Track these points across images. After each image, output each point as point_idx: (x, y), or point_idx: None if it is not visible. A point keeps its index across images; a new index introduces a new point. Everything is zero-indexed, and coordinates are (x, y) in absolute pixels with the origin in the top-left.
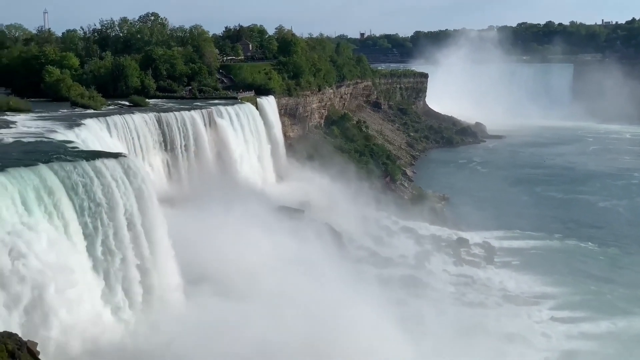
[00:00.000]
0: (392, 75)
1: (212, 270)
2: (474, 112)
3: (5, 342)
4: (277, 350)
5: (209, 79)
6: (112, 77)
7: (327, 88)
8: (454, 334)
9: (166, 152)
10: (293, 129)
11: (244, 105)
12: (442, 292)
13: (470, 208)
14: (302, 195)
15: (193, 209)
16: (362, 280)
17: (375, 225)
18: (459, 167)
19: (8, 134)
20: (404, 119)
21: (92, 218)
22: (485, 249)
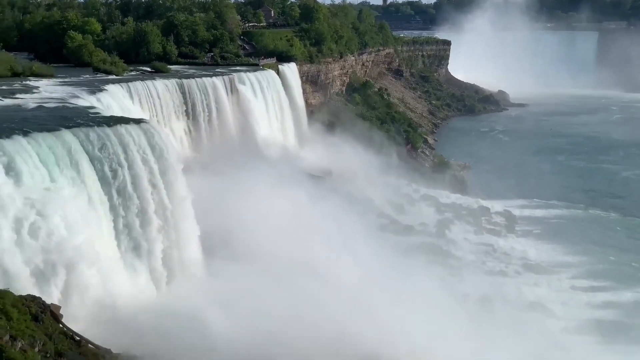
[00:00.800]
0: (414, 42)
1: (234, 238)
2: (497, 80)
3: (28, 305)
4: (300, 321)
5: (231, 46)
6: (134, 43)
7: (348, 55)
8: (474, 301)
9: (188, 118)
10: (314, 96)
11: (266, 72)
12: (462, 260)
13: (491, 176)
14: (324, 162)
15: (215, 175)
16: (382, 248)
17: (396, 193)
18: (481, 135)
19: (31, 99)
20: (426, 86)
21: (114, 184)
22: (506, 218)
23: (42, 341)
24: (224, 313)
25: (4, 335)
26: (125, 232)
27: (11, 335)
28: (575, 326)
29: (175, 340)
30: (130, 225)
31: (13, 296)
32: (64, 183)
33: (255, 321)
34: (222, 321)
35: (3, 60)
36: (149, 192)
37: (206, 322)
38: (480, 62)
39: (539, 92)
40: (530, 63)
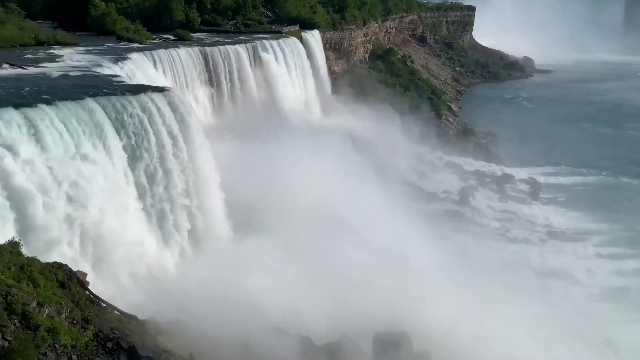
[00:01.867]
0: (438, 8)
1: (261, 204)
2: (522, 46)
3: (55, 272)
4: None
5: (254, 13)
6: (156, 11)
7: (372, 22)
8: (497, 268)
9: (211, 86)
10: (338, 64)
11: (289, 40)
12: (486, 227)
13: (516, 144)
14: (347, 129)
15: (238, 143)
16: (406, 214)
17: (419, 161)
18: (505, 102)
19: (55, 67)
20: (450, 53)
21: (138, 151)
22: (530, 185)
23: (69, 308)
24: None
25: (31, 302)
26: (149, 199)
27: (38, 302)
28: (600, 293)
29: (200, 307)
30: (155, 192)
31: (40, 263)
32: (89, 151)
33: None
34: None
35: (27, 28)
36: (172, 159)
37: (233, 290)
38: (505, 28)
39: (565, 58)
40: (556, 29)
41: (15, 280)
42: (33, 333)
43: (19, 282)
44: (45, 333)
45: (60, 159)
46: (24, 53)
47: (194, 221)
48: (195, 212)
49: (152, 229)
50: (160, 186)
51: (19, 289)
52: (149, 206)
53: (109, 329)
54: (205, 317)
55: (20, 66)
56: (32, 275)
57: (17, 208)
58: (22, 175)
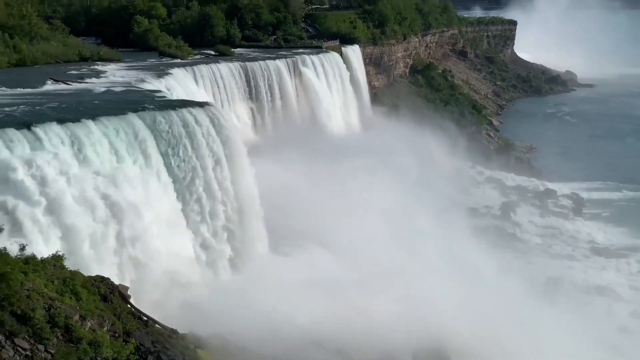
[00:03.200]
0: (479, 23)
1: (299, 225)
2: (564, 60)
3: (97, 285)
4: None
5: (294, 28)
6: (198, 27)
7: (412, 37)
8: (540, 284)
9: (251, 101)
10: (378, 78)
11: (329, 54)
12: (527, 243)
13: (558, 159)
14: (387, 144)
15: (279, 158)
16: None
17: (460, 175)
18: (547, 117)
19: (99, 83)
20: (491, 67)
21: (180, 168)
22: (573, 200)
23: (111, 321)
24: (293, 298)
25: (73, 314)
26: (190, 214)
27: (81, 315)
28: None
29: (240, 322)
30: (196, 207)
31: (82, 277)
32: (131, 166)
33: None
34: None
35: (71, 45)
36: (213, 174)
37: (272, 306)
38: (547, 42)
39: (608, 72)
40: (598, 43)
41: (59, 294)
42: (75, 346)
43: (62, 295)
44: (87, 346)
45: (102, 174)
46: (68, 69)
47: (234, 238)
48: (236, 228)
49: (193, 243)
50: (201, 201)
51: (61, 302)
52: (190, 220)
53: (150, 343)
54: (244, 332)
55: (64, 82)
56: (75, 289)
57: (59, 221)
58: (65, 189)
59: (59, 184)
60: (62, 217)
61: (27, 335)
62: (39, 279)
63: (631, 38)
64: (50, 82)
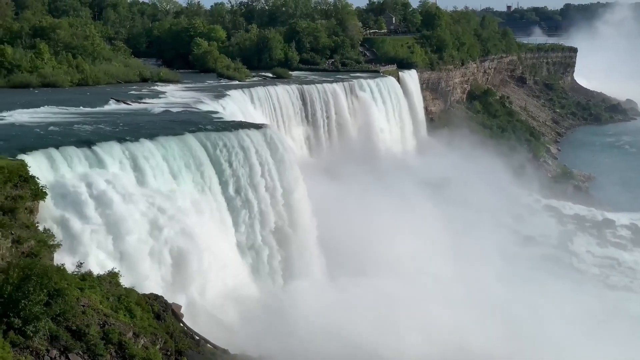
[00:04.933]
0: (538, 49)
1: (354, 244)
2: (625, 88)
3: (151, 303)
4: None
5: (352, 52)
6: (256, 50)
7: (470, 62)
8: (597, 316)
9: (307, 123)
10: (434, 104)
11: (386, 79)
12: (585, 273)
13: (617, 188)
14: (443, 170)
15: (334, 181)
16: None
17: (516, 203)
18: (607, 145)
19: (158, 103)
20: (550, 94)
21: (235, 189)
22: (632, 231)
23: (164, 339)
24: (345, 320)
25: (127, 332)
26: (245, 235)
27: (134, 332)
28: None
29: (294, 343)
30: (250, 229)
31: (137, 294)
32: (188, 186)
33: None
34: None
35: (133, 66)
36: (268, 196)
37: (326, 327)
38: (607, 70)
39: None
40: None
41: (113, 310)
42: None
43: (117, 312)
44: None
45: (160, 194)
46: (129, 89)
47: (288, 259)
48: (290, 249)
49: (247, 265)
50: (255, 222)
51: (116, 318)
52: (243, 239)
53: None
54: (295, 354)
55: (125, 102)
56: (129, 306)
57: (116, 239)
58: (123, 208)
59: (117, 202)
60: (119, 235)
61: (81, 351)
62: (94, 295)
63: None
64: (112, 102)
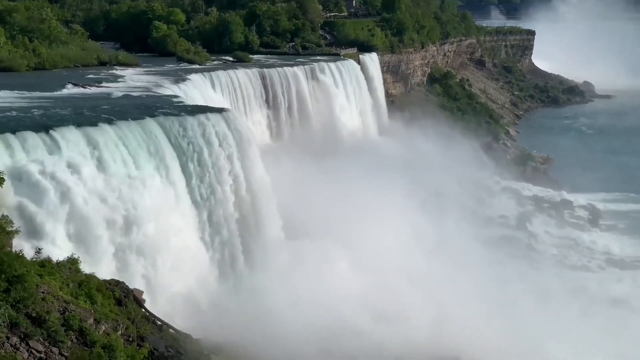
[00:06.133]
0: (497, 32)
1: (315, 226)
2: (583, 70)
3: (112, 289)
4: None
5: (312, 35)
6: (216, 33)
7: (430, 45)
8: (555, 296)
9: (268, 107)
10: (395, 87)
11: (347, 62)
12: (543, 253)
13: (575, 170)
14: (403, 152)
15: (295, 163)
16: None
17: (476, 185)
18: (565, 127)
19: (117, 87)
20: (509, 77)
21: (196, 173)
22: (590, 212)
23: (125, 325)
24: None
25: (88, 318)
26: (206, 219)
27: (95, 319)
28: None
29: (254, 327)
30: (212, 213)
31: (97, 280)
32: (148, 171)
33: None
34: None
35: (90, 49)
36: (230, 180)
37: (286, 311)
38: (565, 52)
39: (626, 83)
40: (617, 54)
41: (74, 297)
42: (89, 349)
43: (77, 298)
44: (101, 350)
45: (119, 178)
46: (86, 73)
47: (249, 242)
48: (251, 232)
49: (206, 248)
50: (217, 207)
51: (76, 305)
52: (204, 223)
53: (164, 347)
54: (258, 337)
55: (83, 86)
56: (89, 292)
57: (76, 225)
58: (82, 193)
59: (76, 188)
60: (78, 220)
61: (41, 338)
62: (54, 281)
63: None
64: (69, 86)
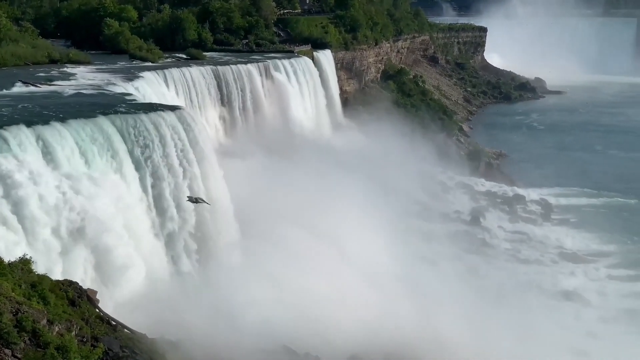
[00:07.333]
0: (450, 29)
1: (269, 224)
2: (534, 67)
3: (65, 289)
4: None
5: (266, 33)
6: (169, 30)
7: (384, 42)
8: (509, 289)
9: (223, 105)
10: (349, 83)
11: (301, 59)
12: (497, 248)
13: (527, 165)
14: (358, 149)
15: (250, 162)
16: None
17: (430, 181)
18: (517, 123)
19: (69, 85)
20: (462, 73)
21: (149, 171)
22: (542, 206)
23: (79, 325)
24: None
25: (41, 319)
26: (158, 216)
27: (48, 320)
28: (611, 316)
29: (210, 326)
30: (164, 210)
31: (50, 281)
32: (100, 169)
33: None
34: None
35: (41, 47)
36: (182, 178)
37: (243, 308)
38: (516, 49)
39: (577, 79)
40: (568, 50)
41: (26, 298)
42: (43, 351)
43: (30, 299)
44: (54, 351)
45: (71, 177)
46: (37, 71)
47: (204, 239)
48: (205, 229)
49: (161, 247)
50: (171, 206)
51: (29, 306)
52: (159, 225)
53: (119, 347)
54: (214, 336)
55: (33, 84)
56: (42, 293)
57: (26, 225)
58: (33, 192)
59: (26, 186)
60: (28, 220)
61: None
62: (5, 282)
63: (601, 45)
64: (19, 84)
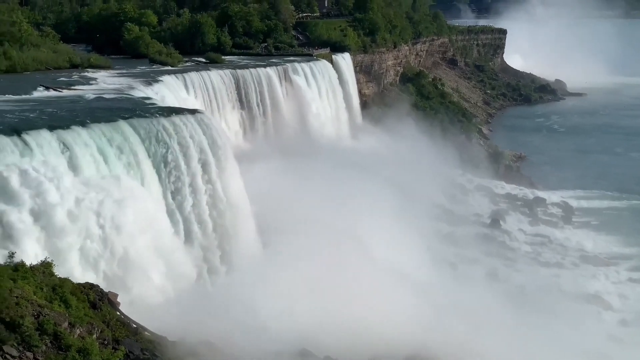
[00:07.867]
0: (469, 31)
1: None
2: (554, 69)
3: (87, 292)
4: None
5: (285, 36)
6: (189, 34)
7: (402, 45)
8: (529, 292)
9: (242, 108)
10: (368, 86)
11: (320, 62)
12: (517, 251)
13: (547, 167)
14: (377, 152)
15: (269, 165)
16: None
17: (449, 184)
18: (537, 125)
19: (89, 90)
20: (481, 76)
21: (169, 173)
22: (562, 209)
23: (100, 328)
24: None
25: (62, 322)
26: (179, 220)
27: (70, 322)
28: (632, 319)
29: (231, 328)
30: (185, 214)
31: (72, 284)
32: (121, 173)
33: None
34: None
35: (62, 51)
36: (202, 181)
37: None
38: (536, 51)
39: (598, 81)
40: (588, 52)
41: (48, 301)
42: (64, 353)
43: (51, 302)
44: (76, 353)
45: (93, 180)
46: (58, 76)
47: (224, 242)
48: (225, 232)
49: (183, 250)
50: (191, 208)
51: (51, 309)
52: (180, 228)
53: (140, 350)
54: (235, 339)
55: (54, 89)
56: (64, 296)
57: (49, 229)
58: (56, 197)
59: (49, 191)
60: (51, 225)
61: (15, 343)
62: (28, 286)
63: (623, 47)
64: (41, 88)
